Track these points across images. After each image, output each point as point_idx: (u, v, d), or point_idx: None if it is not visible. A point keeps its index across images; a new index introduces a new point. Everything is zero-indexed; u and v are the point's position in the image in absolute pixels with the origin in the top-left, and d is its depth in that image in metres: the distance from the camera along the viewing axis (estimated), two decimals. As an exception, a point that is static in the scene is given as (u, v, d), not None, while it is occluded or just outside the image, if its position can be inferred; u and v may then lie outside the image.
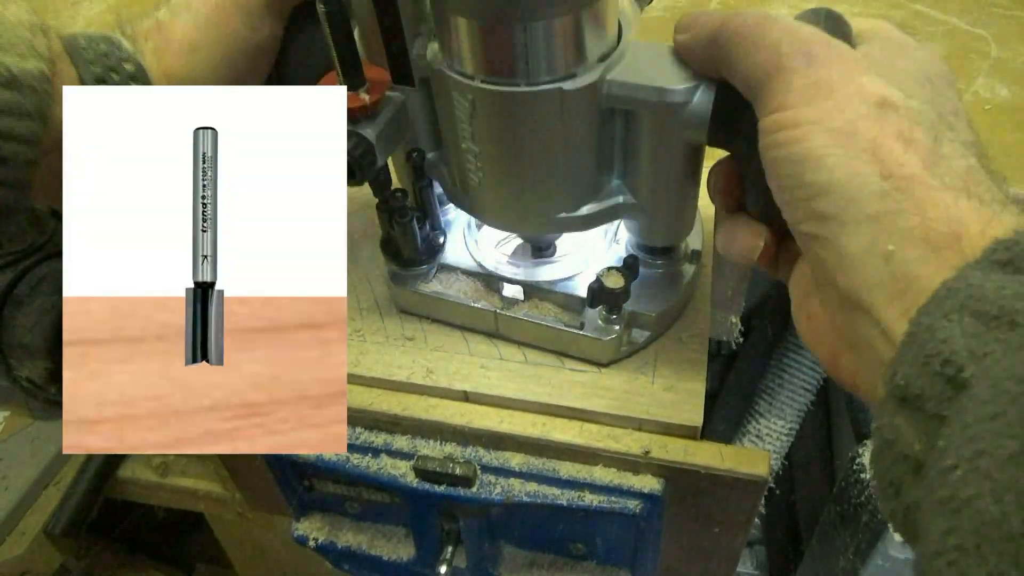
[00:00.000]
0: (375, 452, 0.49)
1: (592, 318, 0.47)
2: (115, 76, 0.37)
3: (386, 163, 0.44)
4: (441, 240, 0.52)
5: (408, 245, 0.49)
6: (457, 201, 0.48)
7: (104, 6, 0.92)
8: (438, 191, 0.50)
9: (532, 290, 0.49)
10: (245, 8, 0.42)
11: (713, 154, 0.39)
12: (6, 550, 0.76)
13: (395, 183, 0.48)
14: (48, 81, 0.34)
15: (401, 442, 0.49)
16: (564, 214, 0.43)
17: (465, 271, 0.51)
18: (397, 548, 0.57)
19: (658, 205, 0.43)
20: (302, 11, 0.45)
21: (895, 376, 0.24)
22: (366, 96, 0.39)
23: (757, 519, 1.08)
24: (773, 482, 0.97)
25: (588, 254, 0.50)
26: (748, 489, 0.45)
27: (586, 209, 0.43)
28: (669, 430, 0.45)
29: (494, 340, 0.50)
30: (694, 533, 0.51)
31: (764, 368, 0.91)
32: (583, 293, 0.46)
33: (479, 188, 0.43)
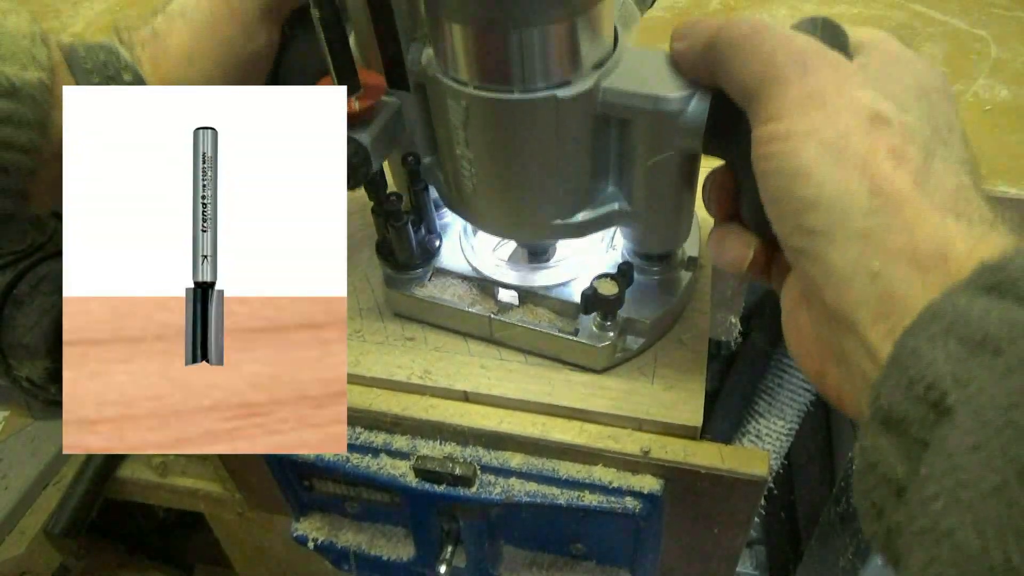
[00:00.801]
0: (375, 452, 0.49)
1: (586, 324, 0.46)
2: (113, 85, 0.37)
3: (381, 167, 0.44)
4: (436, 244, 0.52)
5: (403, 249, 0.49)
6: (452, 206, 0.48)
7: (104, 6, 0.92)
8: (434, 195, 0.50)
9: (527, 295, 0.49)
10: (240, 16, 0.42)
11: (711, 161, 0.39)
12: (5, 550, 0.76)
13: (391, 187, 0.48)
14: (48, 91, 0.34)
15: (401, 442, 0.49)
16: (559, 221, 0.43)
17: (460, 275, 0.51)
18: (397, 548, 0.57)
19: (653, 213, 0.43)
20: (297, 17, 0.45)
21: (879, 398, 0.23)
22: (356, 103, 0.39)
23: (757, 519, 1.08)
24: (773, 482, 0.97)
25: (584, 259, 0.50)
26: (748, 489, 0.45)
27: (581, 216, 0.43)
28: (669, 430, 0.45)
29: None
30: (694, 533, 0.51)
31: (764, 368, 0.91)
32: (578, 299, 0.46)
33: (473, 194, 0.43)
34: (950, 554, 0.19)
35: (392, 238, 0.48)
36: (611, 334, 0.46)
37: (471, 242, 0.52)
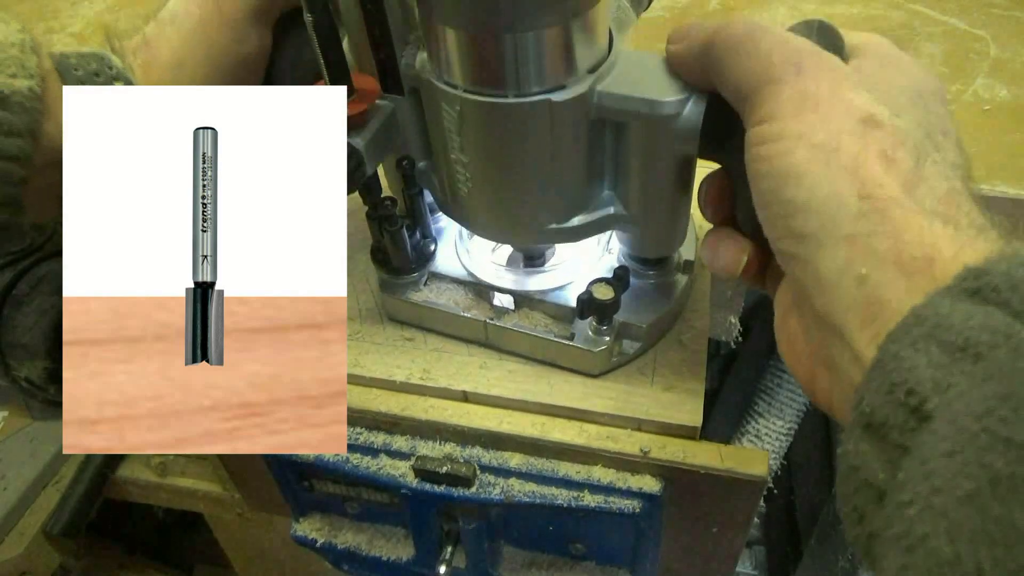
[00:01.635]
0: (375, 452, 0.49)
1: (582, 329, 0.46)
2: None
3: (376, 171, 0.44)
4: (432, 248, 0.51)
5: (398, 253, 0.49)
6: (447, 210, 0.47)
7: (103, 6, 0.92)
8: (428, 199, 0.50)
9: (523, 300, 0.49)
10: (231, 20, 0.42)
11: (708, 165, 0.39)
12: (5, 550, 0.76)
13: (385, 191, 0.48)
14: (39, 99, 0.34)
15: (400, 442, 0.49)
16: (554, 225, 0.43)
17: (456, 280, 0.50)
18: (397, 548, 0.57)
19: (649, 217, 0.42)
20: (289, 20, 0.45)
21: (861, 402, 0.23)
22: (350, 107, 0.39)
23: (757, 519, 1.08)
24: (772, 482, 0.97)
25: (580, 264, 0.50)
26: (747, 489, 0.45)
27: (576, 220, 0.43)
28: (668, 430, 0.45)
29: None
30: (693, 533, 0.51)
31: (763, 368, 0.91)
32: (574, 303, 0.45)
33: (468, 198, 0.43)
34: (923, 561, 0.19)
35: (387, 243, 0.48)
36: (607, 339, 0.45)
37: (467, 246, 0.52)
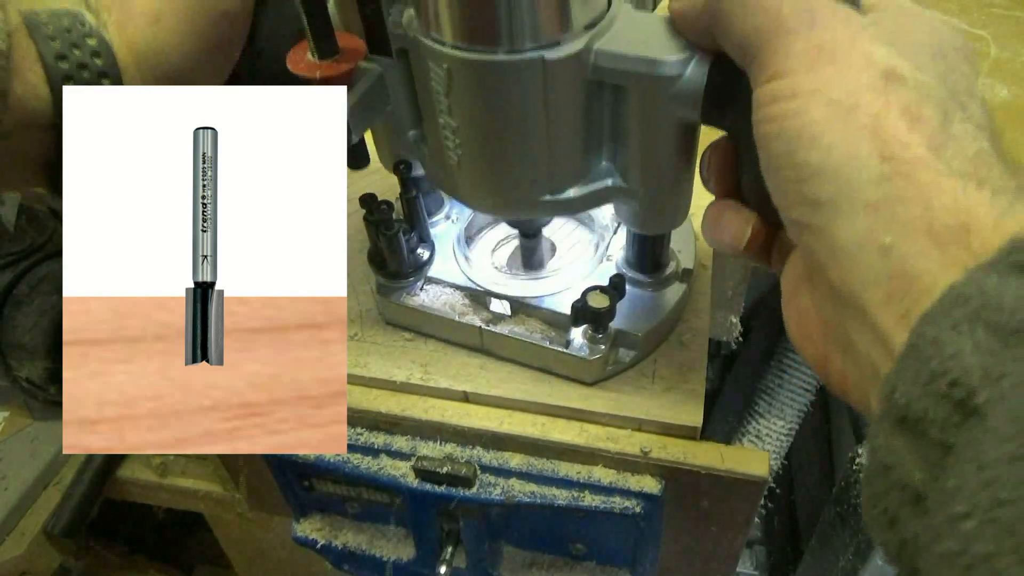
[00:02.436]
0: (375, 452, 0.49)
1: (577, 337, 0.46)
2: (76, 52, 0.35)
3: (362, 139, 0.42)
4: (428, 253, 0.51)
5: (394, 257, 0.48)
6: (437, 182, 0.45)
7: None
8: (426, 202, 0.49)
9: (519, 306, 0.49)
10: None
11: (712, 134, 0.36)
12: (5, 550, 0.76)
13: (375, 162, 0.46)
14: (6, 57, 0.32)
15: (401, 442, 0.49)
16: (548, 197, 0.40)
17: (452, 285, 0.50)
18: (397, 548, 0.57)
19: (649, 189, 0.40)
20: None
21: (894, 392, 0.21)
22: (334, 67, 0.36)
23: (757, 519, 1.08)
24: (773, 482, 0.97)
25: (578, 270, 0.50)
26: (748, 489, 0.45)
27: (572, 192, 0.40)
28: (669, 430, 0.45)
29: (494, 340, 0.50)
30: (693, 533, 0.51)
31: (764, 368, 0.91)
32: (570, 310, 0.45)
33: (458, 168, 0.40)
34: None
35: (383, 246, 0.48)
36: (602, 347, 0.45)
37: (464, 251, 0.51)
